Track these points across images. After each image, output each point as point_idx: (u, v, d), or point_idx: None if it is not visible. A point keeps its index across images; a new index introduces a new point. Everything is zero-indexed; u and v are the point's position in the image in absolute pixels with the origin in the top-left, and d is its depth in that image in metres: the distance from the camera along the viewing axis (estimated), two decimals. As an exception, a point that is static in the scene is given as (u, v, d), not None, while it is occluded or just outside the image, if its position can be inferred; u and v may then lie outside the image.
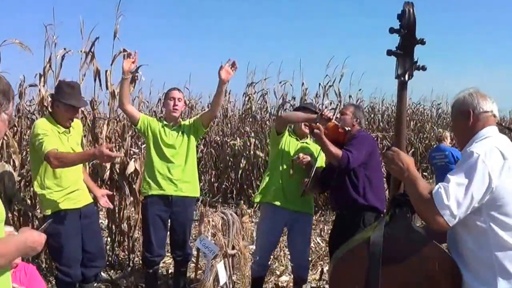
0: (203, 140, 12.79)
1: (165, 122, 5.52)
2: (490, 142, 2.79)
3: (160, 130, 5.45)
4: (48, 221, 3.04)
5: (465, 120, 2.95)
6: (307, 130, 5.38)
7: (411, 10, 3.05)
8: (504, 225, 2.69)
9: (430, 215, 2.68)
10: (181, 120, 5.64)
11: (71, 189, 4.81)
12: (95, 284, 5.24)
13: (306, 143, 5.48)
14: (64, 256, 4.82)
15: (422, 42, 3.10)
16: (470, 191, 2.62)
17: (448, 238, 2.98)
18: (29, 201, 6.65)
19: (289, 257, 6.00)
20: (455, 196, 2.62)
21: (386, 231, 2.92)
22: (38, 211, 6.59)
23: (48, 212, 4.78)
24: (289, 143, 5.38)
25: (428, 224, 2.78)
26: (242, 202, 5.24)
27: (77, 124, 5.15)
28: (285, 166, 5.30)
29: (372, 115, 16.82)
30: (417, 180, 2.81)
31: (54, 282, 5.86)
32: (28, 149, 6.88)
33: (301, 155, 5.19)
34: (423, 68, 3.12)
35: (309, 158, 5.20)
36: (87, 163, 5.50)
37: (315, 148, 5.49)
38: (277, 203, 5.24)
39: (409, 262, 2.86)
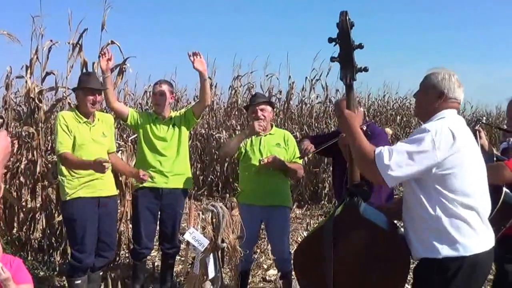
0: (188, 132, 12.75)
1: (156, 116, 5.51)
2: (444, 122, 2.99)
3: (151, 123, 5.44)
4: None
5: (435, 98, 3.14)
6: (259, 129, 5.28)
7: (344, 19, 3.24)
8: (448, 198, 2.92)
9: (371, 173, 2.97)
10: (171, 112, 5.63)
11: (89, 178, 4.90)
12: (100, 273, 5.30)
13: (270, 133, 5.42)
14: (78, 242, 4.90)
15: (360, 46, 3.31)
16: (412, 159, 2.85)
17: (403, 207, 3.20)
18: (14, 194, 6.62)
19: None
20: (396, 160, 2.86)
21: (338, 218, 3.30)
22: (24, 203, 6.59)
23: (66, 198, 4.89)
24: (251, 142, 5.32)
25: (370, 179, 3.14)
26: (228, 195, 5.25)
27: (106, 117, 5.29)
28: (253, 164, 5.26)
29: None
30: (363, 141, 3.07)
31: (39, 276, 5.86)
32: (13, 142, 6.85)
33: (265, 159, 5.14)
34: (365, 70, 3.33)
35: (271, 158, 5.16)
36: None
37: (279, 135, 5.46)
38: (249, 201, 5.20)
39: (359, 245, 3.21)
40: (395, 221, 3.56)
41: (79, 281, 4.93)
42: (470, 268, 2.95)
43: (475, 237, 2.96)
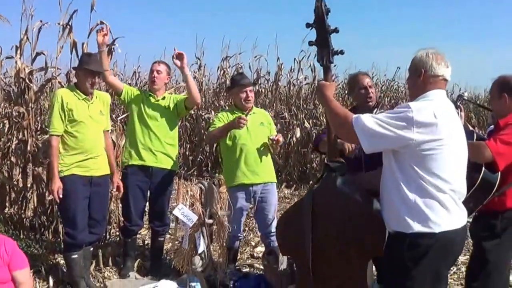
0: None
1: (149, 93, 5.58)
2: (429, 104, 3.00)
3: (144, 101, 5.51)
4: None
5: (416, 77, 3.17)
6: (248, 104, 5.45)
7: (320, 5, 3.39)
8: (424, 178, 2.96)
9: (349, 136, 3.15)
10: (165, 92, 5.72)
11: (83, 157, 4.97)
12: (91, 249, 5.36)
13: (254, 113, 5.54)
14: (70, 218, 4.98)
15: (335, 31, 3.45)
16: (387, 130, 2.92)
17: (381, 181, 3.26)
18: (6, 173, 6.67)
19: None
20: (373, 127, 2.95)
21: (317, 191, 3.50)
22: (15, 182, 6.65)
23: (60, 175, 4.94)
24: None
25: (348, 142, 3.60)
26: (217, 174, 5.34)
27: (103, 95, 5.34)
28: (244, 144, 5.35)
29: (346, 91, 16.92)
30: (338, 106, 3.23)
31: (32, 253, 5.92)
32: (4, 121, 6.91)
33: (278, 137, 5.31)
34: (341, 53, 3.49)
35: (280, 137, 5.35)
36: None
37: (260, 114, 5.63)
38: (238, 182, 5.31)
39: (336, 217, 3.35)
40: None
41: (75, 255, 5.02)
42: (440, 246, 2.99)
43: (447, 216, 3.00)
